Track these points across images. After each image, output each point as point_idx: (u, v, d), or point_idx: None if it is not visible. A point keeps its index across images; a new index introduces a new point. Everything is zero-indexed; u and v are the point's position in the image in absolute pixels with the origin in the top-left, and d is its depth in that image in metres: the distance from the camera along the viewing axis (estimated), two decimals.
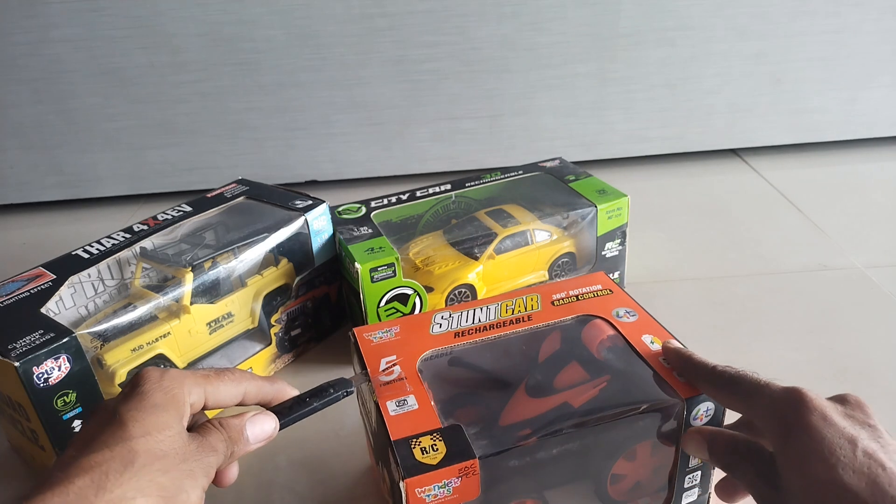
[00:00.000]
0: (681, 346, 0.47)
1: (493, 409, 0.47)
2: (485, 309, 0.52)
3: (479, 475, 0.39)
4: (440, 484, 0.39)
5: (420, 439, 0.40)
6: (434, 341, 0.49)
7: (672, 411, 0.43)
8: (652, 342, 0.47)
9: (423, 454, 0.39)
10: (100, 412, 0.37)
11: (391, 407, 0.43)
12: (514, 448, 0.41)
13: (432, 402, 0.44)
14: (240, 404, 0.43)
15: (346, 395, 0.44)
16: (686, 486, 0.47)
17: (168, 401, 0.37)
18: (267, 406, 0.44)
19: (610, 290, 0.53)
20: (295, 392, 0.44)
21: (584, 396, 0.45)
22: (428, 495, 0.38)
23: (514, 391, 0.48)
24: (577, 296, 0.53)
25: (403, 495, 0.38)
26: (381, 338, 0.50)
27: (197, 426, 0.39)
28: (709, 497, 0.49)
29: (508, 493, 0.44)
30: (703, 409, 0.43)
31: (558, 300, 0.53)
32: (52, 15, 0.93)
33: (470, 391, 0.49)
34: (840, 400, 0.38)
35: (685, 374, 0.44)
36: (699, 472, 0.47)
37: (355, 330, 0.50)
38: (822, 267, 0.82)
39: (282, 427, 0.42)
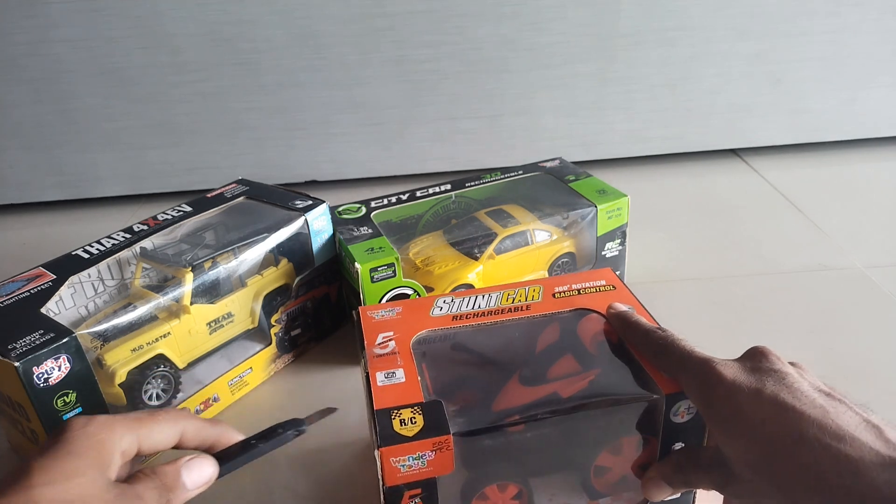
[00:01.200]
0: (624, 310, 0.49)
1: (489, 394, 0.48)
2: (486, 296, 0.53)
3: (454, 451, 0.41)
4: (414, 455, 0.40)
5: (401, 411, 0.42)
6: (432, 322, 0.51)
7: (653, 406, 0.44)
8: None
9: (401, 425, 0.41)
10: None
11: (380, 378, 0.45)
12: (489, 428, 0.43)
13: (429, 382, 0.46)
14: (178, 447, 0.40)
15: (298, 435, 0.43)
16: None
17: (88, 447, 0.34)
18: (209, 451, 0.41)
19: (613, 286, 0.54)
20: (240, 436, 0.42)
21: (574, 388, 0.46)
22: (402, 465, 0.40)
23: (509, 379, 0.49)
24: (578, 289, 0.53)
25: (379, 463, 0.40)
26: (383, 316, 0.52)
27: (129, 476, 0.37)
28: (694, 496, 0.49)
29: (490, 474, 0.46)
30: (685, 406, 0.44)
31: (559, 293, 0.53)
32: (52, 15, 0.93)
33: (470, 375, 0.51)
34: (748, 356, 0.41)
35: (625, 338, 0.47)
36: None
37: (360, 308, 0.53)
38: (822, 267, 0.82)
39: (224, 472, 0.40)
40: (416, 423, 0.41)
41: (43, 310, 0.54)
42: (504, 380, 0.49)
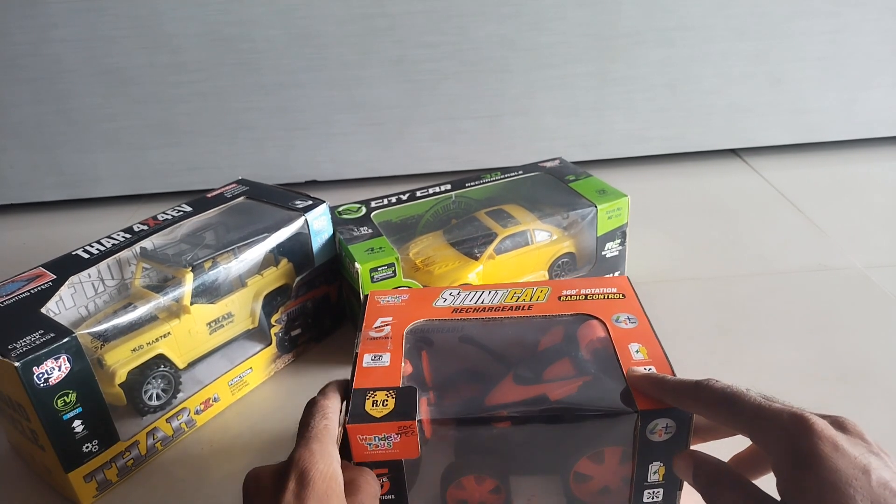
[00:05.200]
0: (647, 371, 0.45)
1: (486, 388, 0.48)
2: (492, 292, 0.54)
3: (447, 438, 0.43)
4: (381, 436, 0.42)
5: (376, 393, 0.44)
6: (431, 313, 0.52)
7: (627, 421, 0.43)
8: (637, 352, 0.47)
9: (372, 406, 0.43)
10: None
11: (366, 359, 0.47)
12: (465, 420, 0.44)
13: (426, 371, 0.48)
14: None
15: None
16: (646, 500, 0.46)
17: (327, 493, 0.37)
18: None
19: (623, 295, 0.53)
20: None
21: (562, 391, 0.46)
22: (369, 444, 0.42)
23: (505, 375, 0.49)
24: (586, 295, 0.53)
25: (347, 439, 0.42)
26: (389, 302, 0.53)
27: None
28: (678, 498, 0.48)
29: (469, 465, 0.47)
30: (662, 425, 0.43)
31: (566, 296, 0.53)
32: (52, 15, 0.93)
33: (470, 368, 0.52)
34: (840, 426, 0.36)
35: (664, 396, 0.42)
36: (661, 490, 0.46)
37: (370, 292, 0.55)
38: (822, 267, 0.82)
39: None
40: (387, 405, 0.43)
41: (43, 310, 0.53)
42: (500, 376, 0.49)
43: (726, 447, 0.43)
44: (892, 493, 0.33)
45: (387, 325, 0.50)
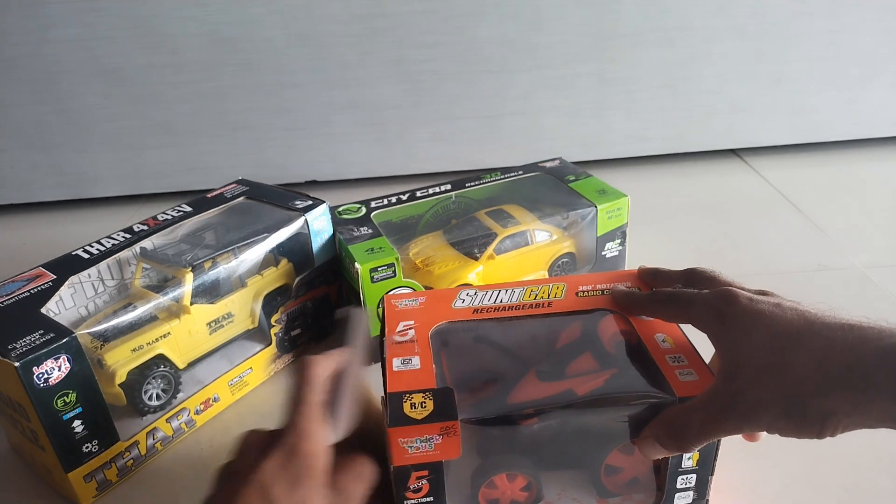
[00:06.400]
0: (625, 289, 0.52)
1: (506, 386, 0.49)
2: (509, 291, 0.54)
3: (467, 438, 0.42)
4: (422, 438, 0.42)
5: (413, 395, 0.43)
6: (452, 314, 0.52)
7: (666, 408, 0.43)
8: (664, 341, 0.48)
9: (411, 409, 0.42)
10: (247, 479, 0.37)
11: (396, 364, 0.46)
12: (499, 418, 0.44)
13: (447, 371, 0.47)
14: None
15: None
16: (679, 486, 0.47)
17: (307, 468, 0.37)
18: None
19: (638, 289, 0.54)
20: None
21: (589, 385, 0.46)
22: (410, 447, 0.42)
23: (526, 373, 0.49)
24: (602, 290, 0.53)
25: (389, 443, 0.41)
26: (407, 305, 0.53)
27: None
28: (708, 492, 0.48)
29: (500, 464, 0.47)
30: None
31: (583, 291, 0.53)
32: (51, 15, 0.93)
33: (489, 368, 0.52)
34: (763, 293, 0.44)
35: (633, 308, 0.50)
36: (694, 476, 0.46)
37: (386, 296, 0.54)
38: (821, 267, 0.82)
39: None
40: (426, 407, 0.42)
41: (43, 310, 0.54)
42: (522, 374, 0.49)
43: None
44: (800, 311, 0.40)
45: (410, 328, 0.50)
